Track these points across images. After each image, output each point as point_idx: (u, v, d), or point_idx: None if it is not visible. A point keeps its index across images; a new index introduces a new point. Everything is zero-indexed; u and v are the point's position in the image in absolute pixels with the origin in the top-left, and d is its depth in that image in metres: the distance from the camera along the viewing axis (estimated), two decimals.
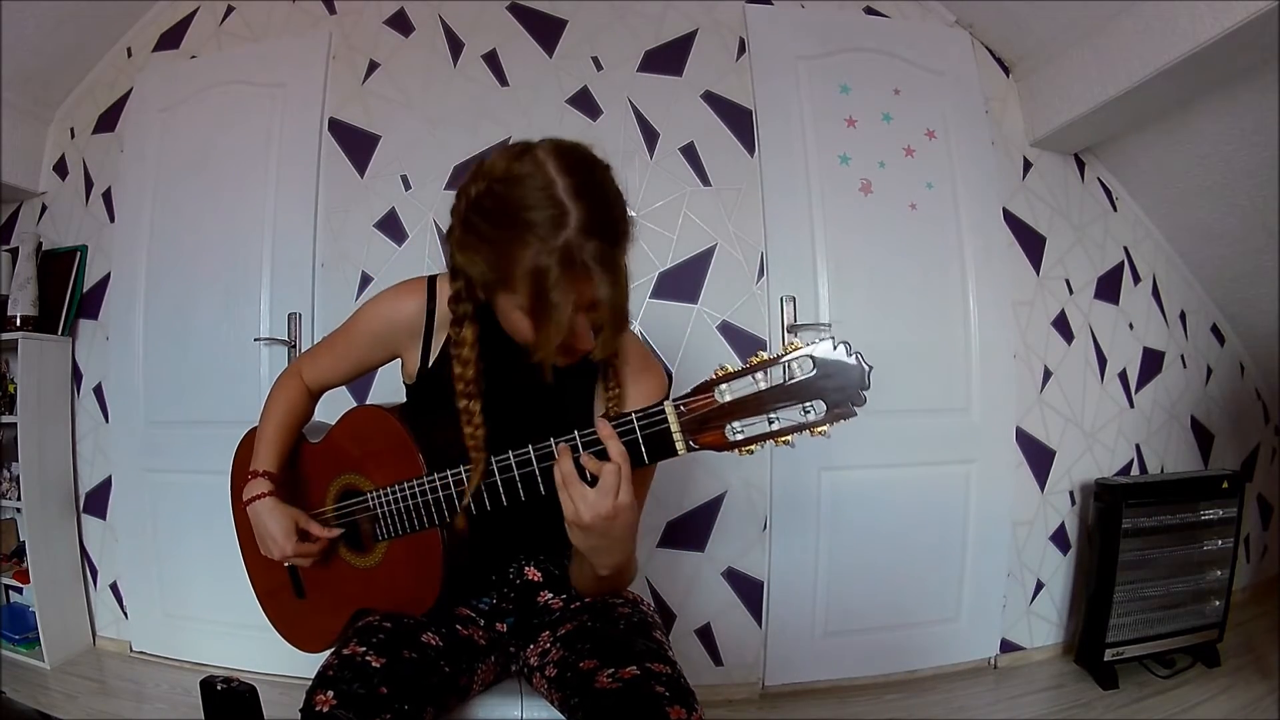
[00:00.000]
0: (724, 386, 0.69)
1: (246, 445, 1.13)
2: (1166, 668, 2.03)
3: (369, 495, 0.96)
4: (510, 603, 0.99)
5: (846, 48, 2.13)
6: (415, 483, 0.89)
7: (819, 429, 0.66)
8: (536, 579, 1.00)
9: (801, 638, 2.02)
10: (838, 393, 0.65)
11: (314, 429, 1.12)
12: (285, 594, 1.09)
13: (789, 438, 0.67)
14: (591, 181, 0.77)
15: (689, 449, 0.71)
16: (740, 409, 0.68)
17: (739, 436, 0.69)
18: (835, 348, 0.66)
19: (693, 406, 0.70)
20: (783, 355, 0.67)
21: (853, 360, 0.65)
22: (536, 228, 0.73)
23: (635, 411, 0.74)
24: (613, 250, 0.75)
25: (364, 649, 0.81)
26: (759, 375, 0.68)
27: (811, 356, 0.66)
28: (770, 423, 0.68)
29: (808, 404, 0.66)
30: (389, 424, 0.94)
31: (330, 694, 0.76)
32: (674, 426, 0.71)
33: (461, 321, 0.86)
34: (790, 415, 0.67)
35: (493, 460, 0.83)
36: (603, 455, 0.74)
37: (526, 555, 1.00)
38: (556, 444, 0.77)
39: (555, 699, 0.87)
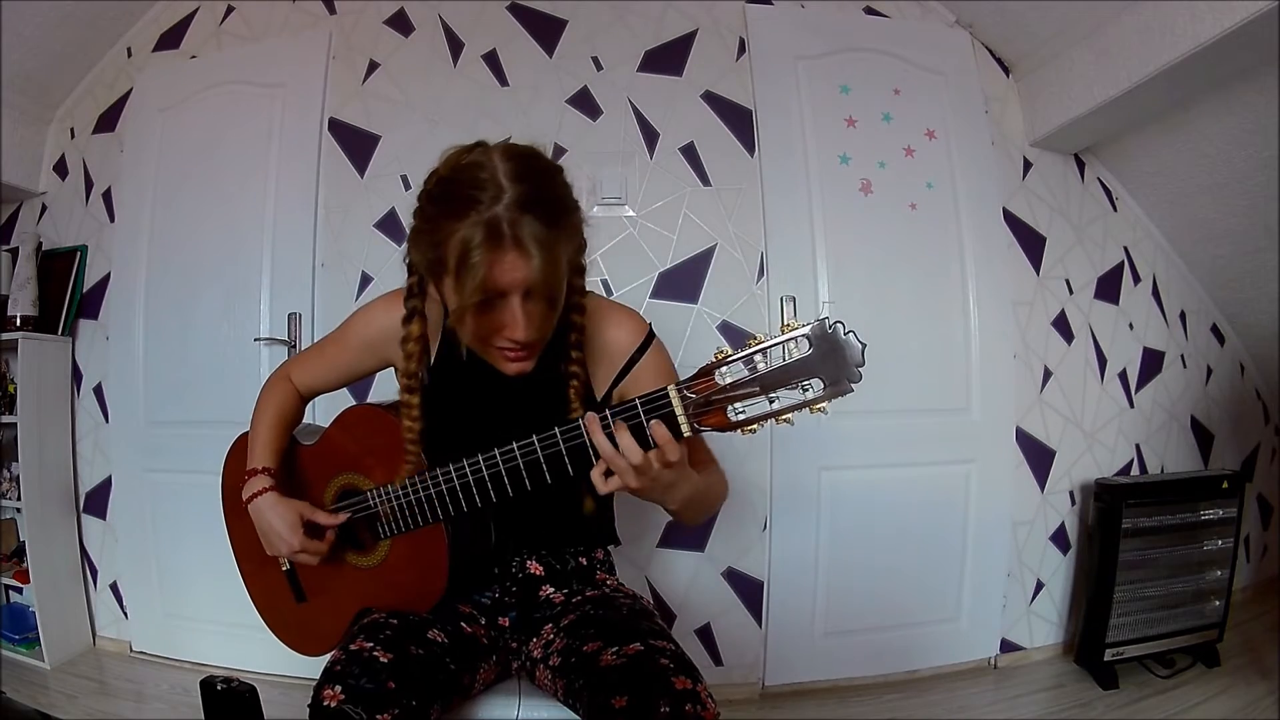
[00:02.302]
0: (724, 369, 0.71)
1: (236, 454, 1.12)
2: (1166, 668, 2.02)
3: (369, 493, 0.96)
4: (512, 596, 0.99)
5: (846, 48, 2.13)
6: (418, 478, 0.90)
7: (818, 406, 0.69)
8: (538, 572, 1.00)
9: (801, 638, 2.02)
10: (834, 370, 0.68)
11: (306, 432, 1.11)
12: (285, 600, 1.08)
13: (789, 416, 0.69)
14: (534, 170, 0.81)
15: (694, 430, 0.73)
16: (741, 390, 0.71)
17: (741, 417, 0.71)
18: (830, 328, 0.68)
19: (696, 389, 0.72)
20: (780, 337, 0.69)
21: (848, 338, 0.67)
22: (473, 203, 0.77)
23: (640, 397, 0.75)
24: (547, 230, 0.78)
25: (371, 644, 0.81)
26: (758, 357, 0.70)
27: (807, 336, 0.68)
28: (771, 402, 0.70)
29: (806, 382, 0.68)
30: (386, 422, 0.95)
31: (338, 689, 0.76)
32: (678, 409, 0.73)
33: (411, 316, 0.90)
34: (789, 394, 0.69)
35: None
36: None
37: (528, 549, 1.00)
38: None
39: (559, 686, 0.87)
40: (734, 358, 0.71)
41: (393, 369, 1.02)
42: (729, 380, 0.71)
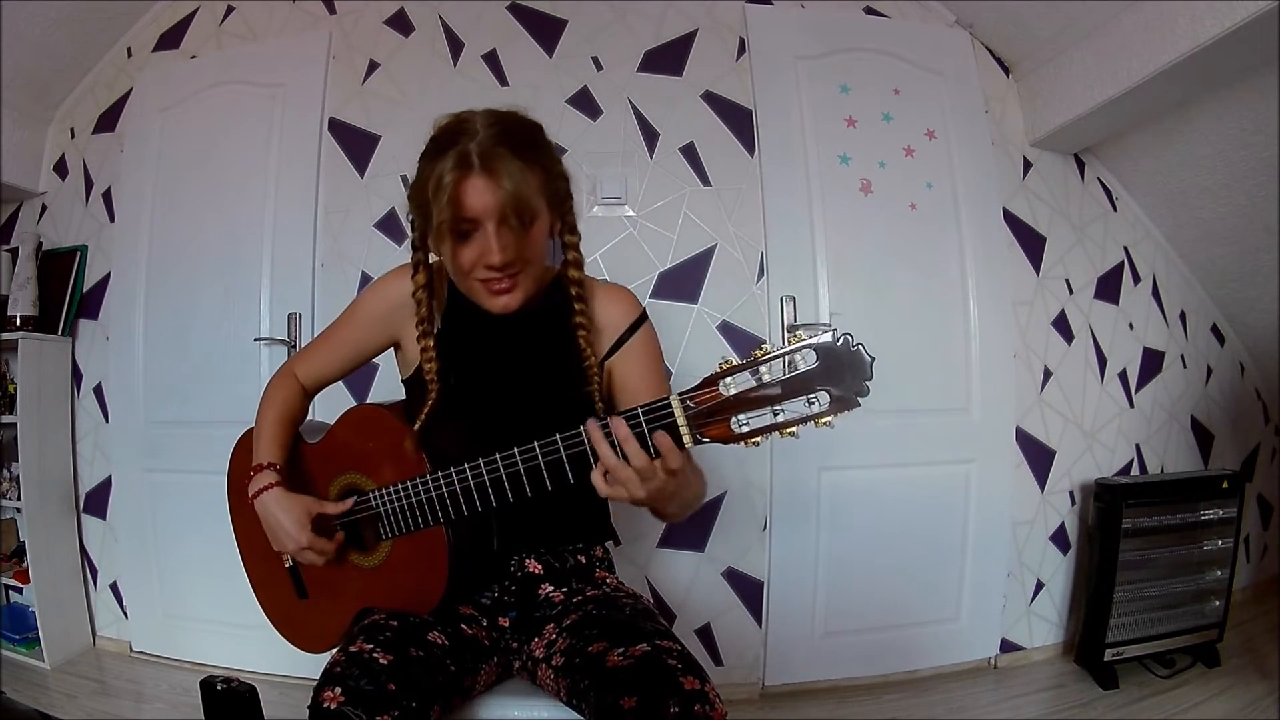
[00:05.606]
0: (729, 380, 0.70)
1: (242, 450, 1.12)
2: (1166, 668, 2.02)
3: (372, 494, 0.96)
4: (512, 596, 1.00)
5: (846, 48, 2.13)
6: (420, 481, 0.90)
7: (823, 420, 0.67)
8: (537, 571, 1.00)
9: (801, 638, 2.02)
10: (841, 384, 0.66)
11: (311, 430, 1.11)
12: (287, 595, 1.09)
13: (794, 429, 0.68)
14: (511, 120, 0.89)
15: (696, 441, 0.72)
16: (745, 402, 0.69)
17: (744, 429, 0.69)
18: (838, 340, 0.66)
19: (699, 400, 0.71)
20: (786, 348, 0.68)
21: (855, 352, 0.66)
22: (452, 144, 0.85)
23: (641, 406, 0.75)
24: (516, 160, 0.84)
25: (371, 646, 0.81)
26: (763, 368, 0.68)
27: (814, 349, 0.66)
28: (775, 414, 0.68)
29: (812, 395, 0.67)
30: (390, 423, 0.95)
31: (338, 690, 0.76)
32: (680, 420, 0.72)
33: (417, 268, 0.97)
34: (794, 407, 0.68)
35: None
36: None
37: (527, 547, 1.00)
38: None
39: (562, 685, 0.87)
40: (739, 368, 0.69)
41: (392, 350, 1.08)
42: (733, 392, 0.69)
